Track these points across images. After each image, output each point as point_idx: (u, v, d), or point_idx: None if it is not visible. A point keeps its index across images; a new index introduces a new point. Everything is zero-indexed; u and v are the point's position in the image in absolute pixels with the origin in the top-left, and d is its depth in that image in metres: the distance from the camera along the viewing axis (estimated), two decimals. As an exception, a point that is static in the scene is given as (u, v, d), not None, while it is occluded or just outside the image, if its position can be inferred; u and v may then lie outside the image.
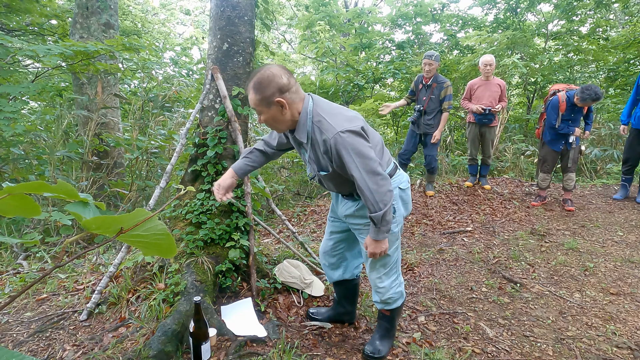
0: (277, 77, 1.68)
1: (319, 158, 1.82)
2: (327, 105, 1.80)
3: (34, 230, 3.69)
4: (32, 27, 6.36)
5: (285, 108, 1.70)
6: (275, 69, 1.70)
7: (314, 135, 1.76)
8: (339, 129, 1.67)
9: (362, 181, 1.70)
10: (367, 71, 8.34)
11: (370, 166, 1.70)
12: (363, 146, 1.70)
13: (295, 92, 1.73)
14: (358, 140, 1.69)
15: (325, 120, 1.71)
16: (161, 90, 5.92)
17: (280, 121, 1.75)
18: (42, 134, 4.64)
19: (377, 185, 1.71)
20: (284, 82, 1.68)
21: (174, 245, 0.77)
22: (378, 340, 2.20)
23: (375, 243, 1.89)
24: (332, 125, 1.69)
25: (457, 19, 10.64)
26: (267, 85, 1.67)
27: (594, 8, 8.98)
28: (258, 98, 1.69)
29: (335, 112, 1.75)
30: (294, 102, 1.73)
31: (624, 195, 5.32)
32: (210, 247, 2.62)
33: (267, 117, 1.74)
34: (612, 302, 2.89)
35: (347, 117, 1.75)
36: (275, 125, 1.78)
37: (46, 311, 2.47)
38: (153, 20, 15.17)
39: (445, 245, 3.93)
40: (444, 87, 4.77)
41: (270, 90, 1.67)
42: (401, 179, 2.00)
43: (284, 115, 1.73)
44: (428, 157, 5.05)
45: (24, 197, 0.72)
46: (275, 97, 1.67)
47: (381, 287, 2.08)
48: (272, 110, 1.71)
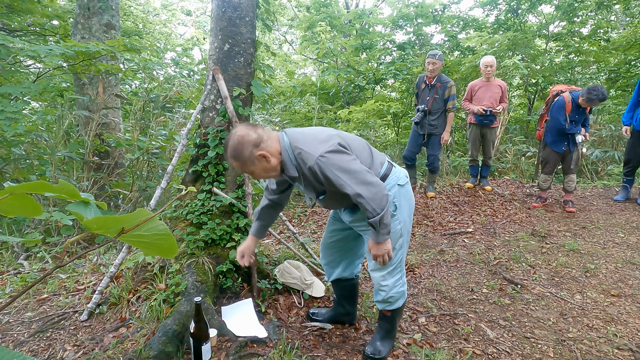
0: (247, 137, 1.73)
1: (313, 185, 1.87)
2: (300, 134, 1.83)
3: (35, 230, 3.69)
4: (34, 27, 6.37)
5: (268, 157, 1.75)
6: (240, 130, 1.75)
7: (300, 168, 1.81)
8: (318, 154, 1.72)
9: (355, 193, 1.74)
10: (368, 72, 8.35)
11: (358, 178, 1.74)
12: (345, 161, 1.74)
13: (268, 138, 1.78)
14: (339, 157, 1.74)
15: (303, 150, 1.76)
16: (162, 91, 5.93)
17: (270, 169, 1.80)
18: (43, 134, 4.65)
19: (371, 193, 1.75)
20: (255, 137, 1.74)
21: (175, 246, 0.77)
22: (379, 341, 2.20)
23: (378, 246, 1.92)
24: (310, 153, 1.74)
25: (458, 20, 10.64)
26: (241, 149, 1.72)
27: (595, 9, 8.98)
28: (241, 163, 1.75)
29: (309, 139, 1.80)
30: (272, 147, 1.78)
31: (625, 197, 5.31)
32: (211, 248, 2.62)
33: (259, 172, 1.80)
34: (613, 304, 2.88)
35: (321, 140, 1.79)
36: (268, 174, 1.84)
37: (47, 311, 2.47)
38: (154, 20, 15.19)
39: (446, 247, 3.92)
40: (448, 87, 4.76)
41: (248, 151, 1.72)
42: (398, 176, 2.02)
43: (271, 163, 1.78)
44: (431, 156, 5.04)
45: (25, 197, 0.72)
46: (254, 154, 1.73)
47: (384, 286, 2.08)
48: (259, 165, 1.77)
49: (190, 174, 2.84)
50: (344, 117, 8.23)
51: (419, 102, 4.94)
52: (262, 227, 2.23)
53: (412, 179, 5.46)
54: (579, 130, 4.58)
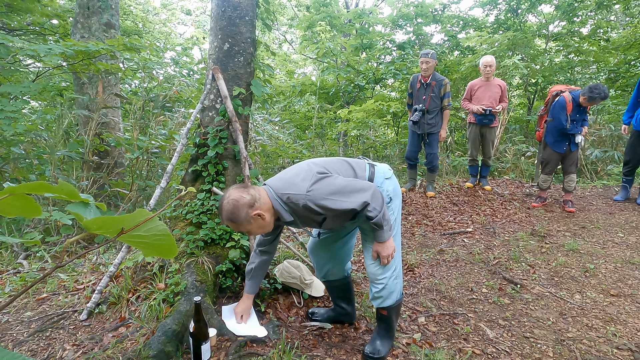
0: (241, 200, 1.79)
1: (311, 219, 1.93)
2: (281, 182, 1.90)
3: (34, 229, 3.69)
4: (33, 26, 6.36)
5: (263, 215, 1.82)
6: (233, 194, 1.81)
7: (294, 211, 1.88)
8: (304, 192, 1.80)
9: (355, 204, 1.81)
10: (367, 72, 8.36)
11: (350, 189, 1.82)
12: (331, 184, 1.82)
13: (260, 197, 1.84)
14: (323, 184, 1.82)
15: (290, 194, 1.83)
16: (162, 90, 5.93)
17: (266, 225, 1.88)
18: (42, 133, 4.65)
19: (368, 197, 1.82)
20: (248, 199, 1.80)
21: (175, 246, 0.77)
22: (378, 341, 2.20)
23: (384, 245, 1.99)
24: (297, 194, 1.81)
25: (458, 20, 10.64)
26: (237, 212, 1.79)
27: (594, 9, 8.98)
28: (238, 224, 1.81)
29: (290, 183, 1.86)
30: (264, 205, 1.85)
31: (625, 197, 5.31)
32: (211, 247, 2.62)
33: (255, 229, 1.87)
34: (612, 304, 2.88)
35: (302, 178, 1.86)
36: (264, 230, 1.91)
37: (46, 311, 2.47)
38: (154, 20, 15.17)
39: (445, 246, 3.93)
40: (443, 85, 4.78)
41: (243, 213, 1.79)
42: (383, 170, 2.10)
43: (266, 220, 1.85)
44: (430, 155, 5.05)
45: (25, 197, 0.72)
46: (250, 215, 1.80)
47: (381, 278, 2.09)
48: (255, 224, 1.84)
49: (189, 173, 2.84)
50: (343, 116, 8.23)
51: (415, 101, 4.94)
52: (255, 284, 2.30)
53: (412, 180, 5.48)
54: (579, 130, 4.58)
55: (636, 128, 4.92)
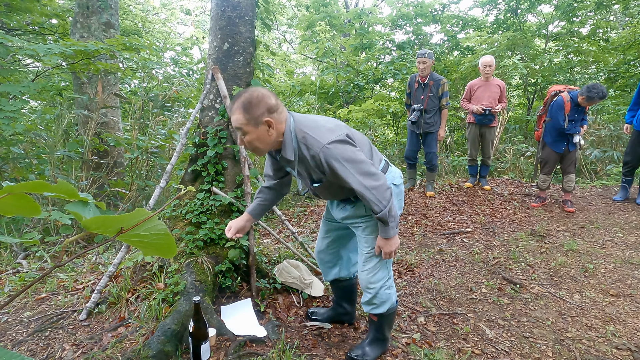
0: (267, 98, 1.69)
1: (310, 172, 1.83)
2: (308, 120, 1.79)
3: (33, 229, 3.69)
4: (33, 26, 6.35)
5: (272, 128, 1.70)
6: (263, 90, 1.72)
7: (301, 152, 1.76)
8: (325, 142, 1.68)
9: (360, 185, 1.71)
10: (367, 72, 8.35)
11: (363, 169, 1.71)
12: (352, 152, 1.71)
13: (281, 112, 1.73)
14: (345, 147, 1.71)
15: (309, 135, 1.72)
16: (161, 90, 5.92)
17: (265, 142, 1.74)
18: (42, 133, 4.64)
19: (376, 185, 1.72)
20: (273, 103, 1.70)
21: (174, 245, 0.77)
22: (367, 346, 2.16)
23: (388, 242, 1.90)
24: (316, 139, 1.70)
25: (457, 20, 10.64)
26: (257, 104, 1.67)
27: (594, 9, 8.98)
28: (247, 117, 1.67)
29: (316, 126, 1.76)
30: (279, 123, 1.73)
31: (624, 197, 5.31)
32: (210, 247, 2.62)
33: (253, 137, 1.72)
34: (611, 304, 2.88)
35: (329, 128, 1.75)
36: (258, 146, 1.75)
37: (45, 310, 2.47)
38: (153, 19, 15.16)
39: (445, 246, 3.93)
40: (441, 84, 4.80)
41: (260, 110, 1.67)
42: (394, 175, 2.01)
43: (270, 136, 1.72)
44: (429, 154, 5.06)
45: (24, 197, 0.71)
46: (264, 117, 1.68)
47: (372, 286, 2.03)
48: (259, 130, 1.70)
49: (189, 173, 2.84)
50: (343, 116, 8.23)
51: (413, 101, 4.96)
52: (260, 207, 2.12)
53: (411, 179, 5.48)
54: (577, 130, 4.59)
55: (637, 128, 4.92)
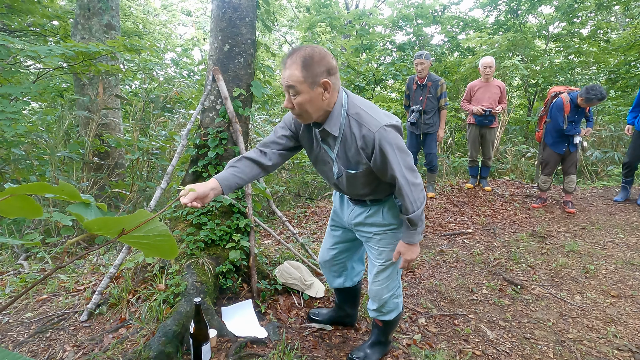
0: (329, 57, 1.53)
1: (348, 155, 1.67)
2: (362, 99, 1.69)
3: (34, 230, 3.69)
4: (34, 28, 6.37)
5: (327, 92, 1.55)
6: (323, 49, 1.55)
7: (350, 129, 1.62)
8: (383, 123, 1.57)
9: (403, 177, 1.62)
10: (368, 73, 8.35)
11: (409, 163, 1.65)
12: (402, 142, 1.64)
13: (338, 79, 1.60)
14: (398, 135, 1.62)
15: (365, 112, 1.60)
16: (162, 91, 5.93)
17: (316, 106, 1.56)
18: (43, 134, 4.65)
19: (415, 182, 1.66)
20: (334, 65, 1.55)
21: (175, 247, 0.77)
22: (368, 348, 2.15)
23: (410, 247, 1.79)
24: (374, 118, 1.58)
25: (458, 21, 10.65)
26: (318, 62, 1.50)
27: (594, 10, 8.99)
28: (304, 75, 1.49)
29: (373, 106, 1.66)
30: (335, 90, 1.59)
31: (625, 198, 5.31)
32: (211, 248, 2.62)
33: (306, 99, 1.53)
34: (613, 305, 2.88)
35: (385, 113, 1.67)
36: (308, 109, 1.56)
37: (46, 312, 2.47)
38: (154, 21, 15.19)
39: (445, 247, 3.92)
40: (439, 85, 4.81)
41: (321, 69, 1.51)
42: None
43: (323, 101, 1.56)
44: (429, 155, 5.07)
45: (26, 198, 0.72)
46: (322, 77, 1.51)
47: (383, 296, 2.01)
48: (314, 91, 1.52)
49: (190, 174, 2.84)
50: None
51: (412, 102, 4.97)
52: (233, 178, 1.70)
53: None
54: (578, 131, 4.59)
55: (639, 129, 4.92)
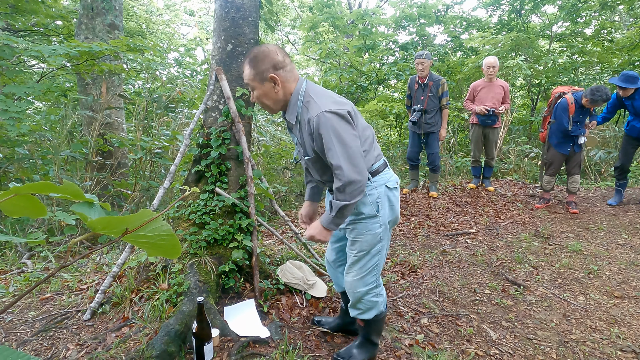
0: (273, 54, 1.70)
1: (304, 141, 1.78)
2: (320, 88, 1.78)
3: (38, 229, 3.71)
4: (38, 27, 6.39)
5: (277, 85, 1.71)
6: (271, 46, 1.73)
7: (302, 116, 1.74)
8: (324, 109, 1.64)
9: (338, 165, 1.65)
10: (370, 72, 8.34)
11: (349, 153, 1.64)
12: (346, 131, 1.65)
13: (290, 71, 1.73)
14: (341, 123, 1.65)
15: (313, 100, 1.70)
16: (165, 91, 5.94)
17: (271, 99, 1.75)
18: (46, 134, 4.67)
19: (352, 175, 1.64)
20: (279, 59, 1.70)
21: (179, 246, 0.77)
22: (355, 349, 2.12)
23: (319, 227, 1.84)
24: (318, 104, 1.67)
25: (461, 21, 10.62)
26: (262, 59, 1.68)
27: (598, 10, 8.95)
28: (253, 72, 1.70)
29: (325, 94, 1.74)
30: (287, 81, 1.73)
31: (619, 201, 5.26)
32: (214, 248, 2.63)
33: (260, 93, 1.74)
34: (616, 306, 2.87)
35: (335, 100, 1.73)
36: (266, 102, 1.77)
37: (50, 310, 2.48)
38: (157, 21, 15.22)
39: (448, 247, 3.92)
40: (441, 84, 4.80)
41: (265, 65, 1.68)
42: (389, 177, 1.92)
43: (277, 94, 1.73)
44: (431, 155, 5.06)
45: (30, 198, 0.72)
46: (269, 73, 1.69)
47: (357, 289, 1.97)
48: (265, 86, 1.71)
49: (193, 174, 2.84)
50: (346, 117, 8.20)
51: (414, 102, 4.97)
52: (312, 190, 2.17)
53: (414, 181, 5.48)
54: (583, 131, 4.58)
55: (627, 132, 4.92)
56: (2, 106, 3.30)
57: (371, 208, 1.86)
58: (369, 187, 1.85)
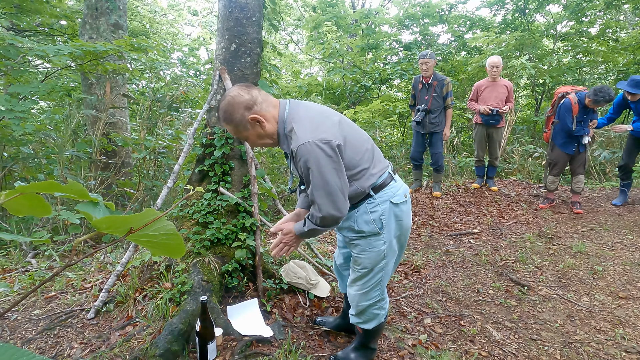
0: (237, 98, 1.61)
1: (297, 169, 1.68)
2: (302, 109, 1.67)
3: (42, 228, 3.73)
4: (42, 27, 6.43)
5: (262, 122, 1.63)
6: (232, 92, 1.64)
7: (291, 145, 1.63)
8: (304, 140, 1.55)
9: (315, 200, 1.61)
10: (374, 72, 8.34)
11: (327, 189, 1.57)
12: (327, 165, 1.55)
13: (263, 102, 1.64)
14: (322, 156, 1.55)
15: (294, 129, 1.60)
16: (169, 91, 5.96)
17: (265, 136, 1.67)
18: (51, 133, 4.69)
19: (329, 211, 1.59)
20: (246, 98, 1.61)
21: (183, 246, 0.78)
22: (352, 352, 2.12)
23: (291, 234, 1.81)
24: (298, 135, 1.57)
25: (464, 20, 10.59)
26: (232, 111, 1.61)
27: (603, 9, 8.89)
28: (234, 126, 1.64)
29: (307, 118, 1.63)
30: (268, 113, 1.64)
31: (623, 201, 5.23)
32: (217, 247, 2.63)
33: (253, 138, 1.68)
34: (621, 306, 2.85)
35: (318, 125, 1.61)
36: (264, 142, 1.70)
37: (54, 309, 2.50)
38: (161, 20, 15.26)
39: (451, 247, 3.91)
40: (445, 84, 4.79)
41: (239, 113, 1.60)
42: (394, 192, 1.80)
43: (266, 129, 1.65)
44: (435, 155, 5.05)
45: (35, 197, 0.72)
46: (246, 117, 1.61)
47: (360, 303, 1.95)
48: (252, 130, 1.65)
49: (196, 173, 2.85)
50: (349, 117, 8.22)
51: (418, 102, 4.97)
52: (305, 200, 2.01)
53: (418, 181, 5.47)
54: (587, 131, 4.56)
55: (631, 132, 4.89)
56: (7, 105, 3.32)
57: (373, 226, 1.78)
58: (372, 204, 1.76)
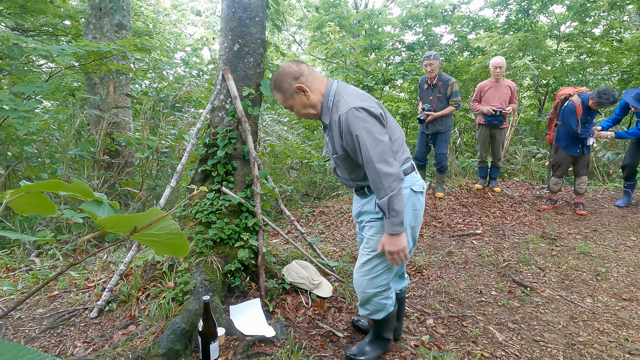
0: (287, 69, 1.79)
1: (334, 139, 1.81)
2: (351, 87, 1.82)
3: (46, 227, 3.74)
4: (46, 27, 6.45)
5: (307, 91, 1.78)
6: (284, 64, 1.82)
7: (332, 115, 1.79)
8: (352, 105, 1.68)
9: (370, 162, 1.67)
10: (376, 72, 8.32)
11: (380, 148, 1.66)
12: (375, 127, 1.68)
13: (310, 74, 1.80)
14: (371, 120, 1.68)
15: (342, 98, 1.75)
16: (172, 91, 5.98)
17: (309, 106, 1.82)
18: (55, 132, 4.71)
19: (385, 169, 1.66)
20: (295, 70, 1.79)
21: (187, 245, 0.78)
22: (367, 346, 2.13)
23: (391, 239, 1.74)
24: (346, 102, 1.71)
25: (468, 21, 10.57)
26: (281, 80, 1.79)
27: (607, 9, 8.85)
28: (282, 94, 1.81)
29: (355, 92, 1.78)
30: (312, 84, 1.80)
31: (627, 202, 5.21)
32: (220, 247, 2.64)
33: (298, 106, 1.82)
34: (624, 308, 2.84)
35: (363, 98, 1.76)
36: (307, 112, 1.84)
37: (57, 308, 2.50)
38: (164, 21, 15.30)
39: (454, 248, 3.90)
40: (450, 84, 4.78)
41: (287, 82, 1.78)
42: (415, 181, 1.90)
43: (310, 99, 1.80)
44: (438, 155, 5.04)
45: (40, 196, 0.73)
46: (293, 86, 1.77)
47: (366, 290, 1.95)
48: (298, 98, 1.80)
49: (199, 173, 2.85)
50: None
51: (423, 102, 4.96)
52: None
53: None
54: (591, 133, 4.54)
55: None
56: (11, 105, 3.34)
57: None
58: None
